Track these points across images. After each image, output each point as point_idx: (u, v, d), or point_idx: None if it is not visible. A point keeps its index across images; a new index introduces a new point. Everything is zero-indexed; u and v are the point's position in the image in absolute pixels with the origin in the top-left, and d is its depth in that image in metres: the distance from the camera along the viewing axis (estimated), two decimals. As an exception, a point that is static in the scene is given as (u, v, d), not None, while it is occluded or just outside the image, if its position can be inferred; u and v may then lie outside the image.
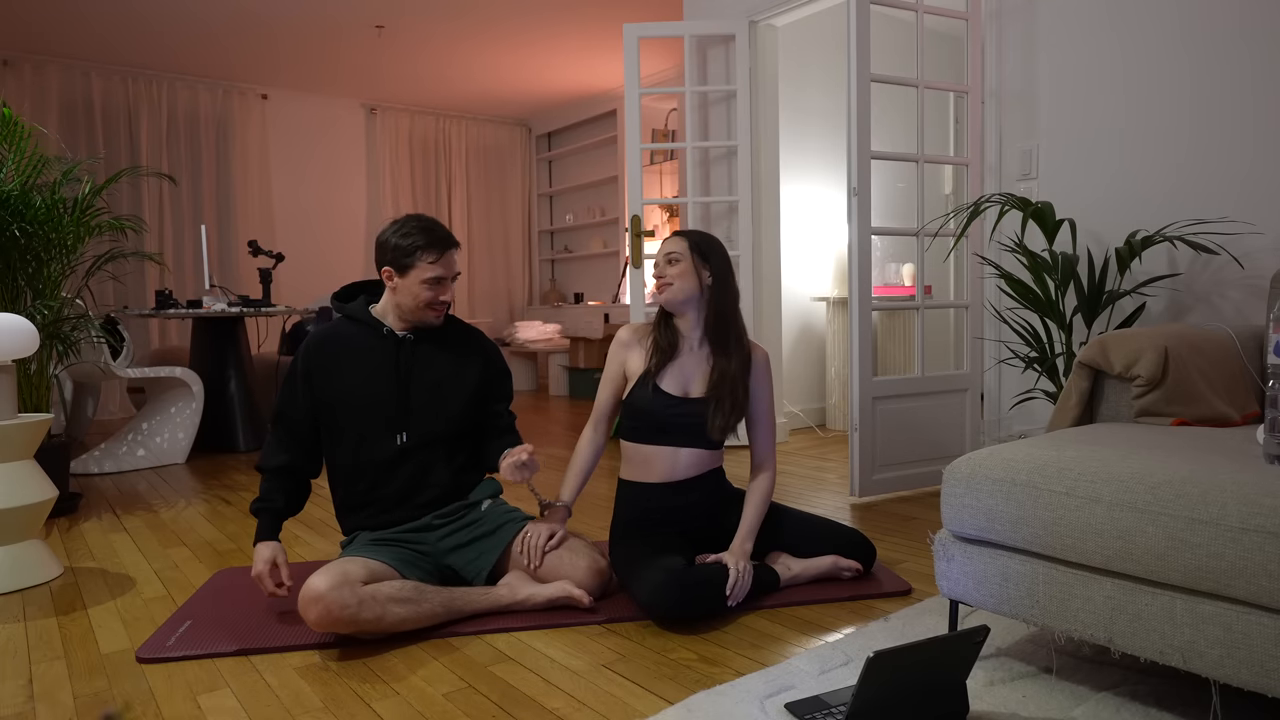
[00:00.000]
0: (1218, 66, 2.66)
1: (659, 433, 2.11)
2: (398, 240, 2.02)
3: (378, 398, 2.03)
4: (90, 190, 3.31)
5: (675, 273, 2.11)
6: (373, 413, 2.03)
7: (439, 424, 2.07)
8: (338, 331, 2.09)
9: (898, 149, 4.99)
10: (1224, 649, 1.26)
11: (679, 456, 2.12)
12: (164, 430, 4.18)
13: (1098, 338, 2.03)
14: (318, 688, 1.63)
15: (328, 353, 2.05)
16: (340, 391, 2.03)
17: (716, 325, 2.13)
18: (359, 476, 2.04)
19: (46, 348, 3.17)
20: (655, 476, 2.13)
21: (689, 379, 2.13)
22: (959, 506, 1.59)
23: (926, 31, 4.87)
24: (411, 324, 2.08)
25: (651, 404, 2.09)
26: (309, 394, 2.04)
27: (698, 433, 2.11)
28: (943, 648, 1.32)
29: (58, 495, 2.42)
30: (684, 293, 2.11)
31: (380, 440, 2.03)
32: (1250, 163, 2.60)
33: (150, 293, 6.23)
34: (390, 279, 2.04)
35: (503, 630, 1.88)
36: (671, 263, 2.12)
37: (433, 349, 2.11)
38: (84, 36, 5.54)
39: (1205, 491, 1.29)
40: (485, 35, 5.68)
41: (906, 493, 3.21)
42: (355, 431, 2.03)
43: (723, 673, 1.65)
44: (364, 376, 2.04)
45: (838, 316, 4.77)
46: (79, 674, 1.73)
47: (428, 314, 2.06)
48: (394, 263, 2.02)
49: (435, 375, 2.09)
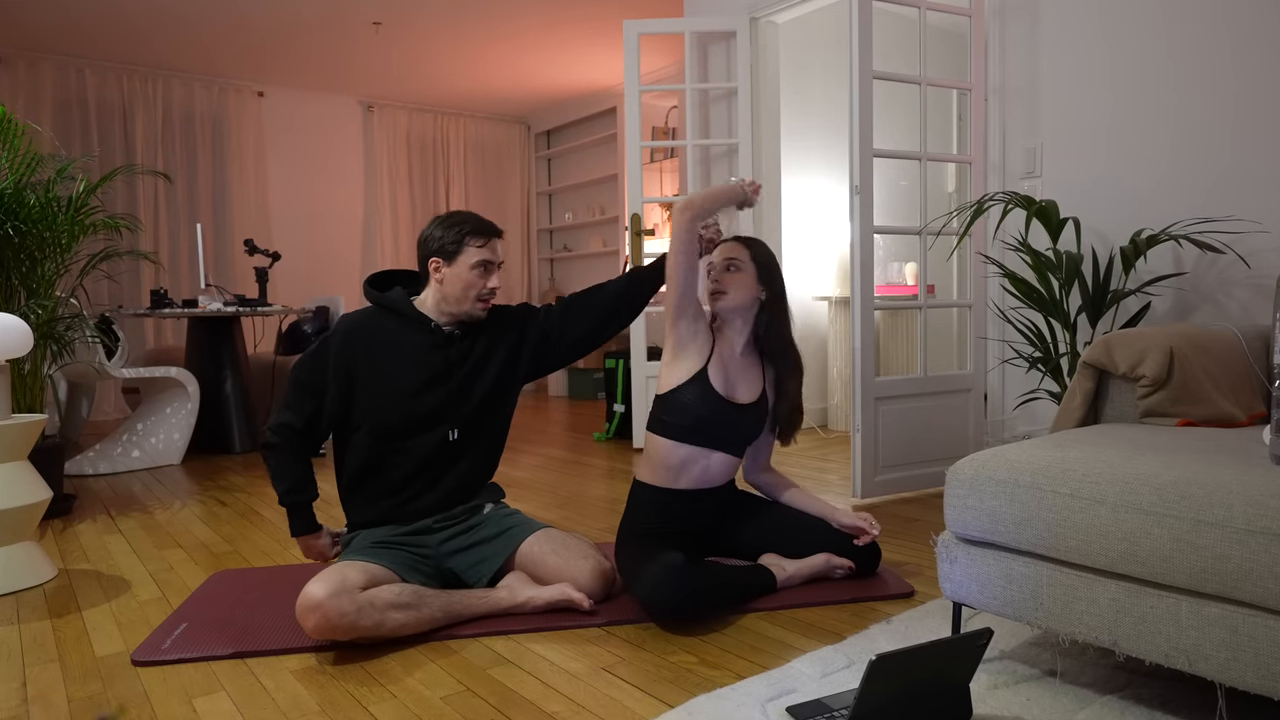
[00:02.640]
0: (1226, 64, 2.66)
1: (699, 433, 2.10)
2: (443, 230, 2.03)
3: (423, 393, 2.01)
4: (85, 188, 3.30)
5: (734, 281, 2.11)
6: (416, 408, 2.01)
7: (494, 418, 2.11)
8: (376, 321, 2.06)
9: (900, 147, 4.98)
10: (1230, 652, 1.26)
11: (712, 461, 2.13)
12: (159, 431, 4.18)
13: (1102, 337, 2.03)
14: (314, 691, 1.63)
15: (367, 341, 2.02)
16: (377, 382, 2.00)
17: (773, 346, 2.15)
18: (385, 464, 2.02)
19: (41, 347, 3.17)
20: (685, 482, 2.12)
21: (734, 384, 2.14)
22: (962, 508, 1.59)
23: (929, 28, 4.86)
24: (456, 318, 2.07)
25: (703, 405, 2.07)
26: (333, 379, 2.00)
27: (735, 439, 2.14)
28: (946, 651, 1.32)
29: (52, 496, 2.42)
30: (737, 302, 2.12)
31: (423, 434, 2.02)
32: (1258, 161, 2.60)
33: (145, 292, 6.23)
34: (438, 269, 2.04)
35: (501, 633, 1.88)
36: (731, 270, 2.11)
37: (478, 342, 2.10)
38: (78, 33, 5.54)
39: (1211, 493, 1.29)
40: (484, 32, 5.68)
41: (909, 494, 3.21)
42: (389, 423, 2.00)
43: (723, 676, 1.66)
44: (408, 370, 2.02)
45: (840, 316, 4.77)
46: (73, 677, 1.73)
47: (476, 306, 2.05)
48: (440, 251, 2.02)
49: (485, 368, 2.09)
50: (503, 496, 2.21)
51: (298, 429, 2.01)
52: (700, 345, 2.11)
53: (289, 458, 2.01)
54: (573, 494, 3.37)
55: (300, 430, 2.01)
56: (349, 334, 2.03)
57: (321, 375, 2.01)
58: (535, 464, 4.06)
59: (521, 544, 2.05)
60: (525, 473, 3.84)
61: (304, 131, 7.08)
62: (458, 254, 2.02)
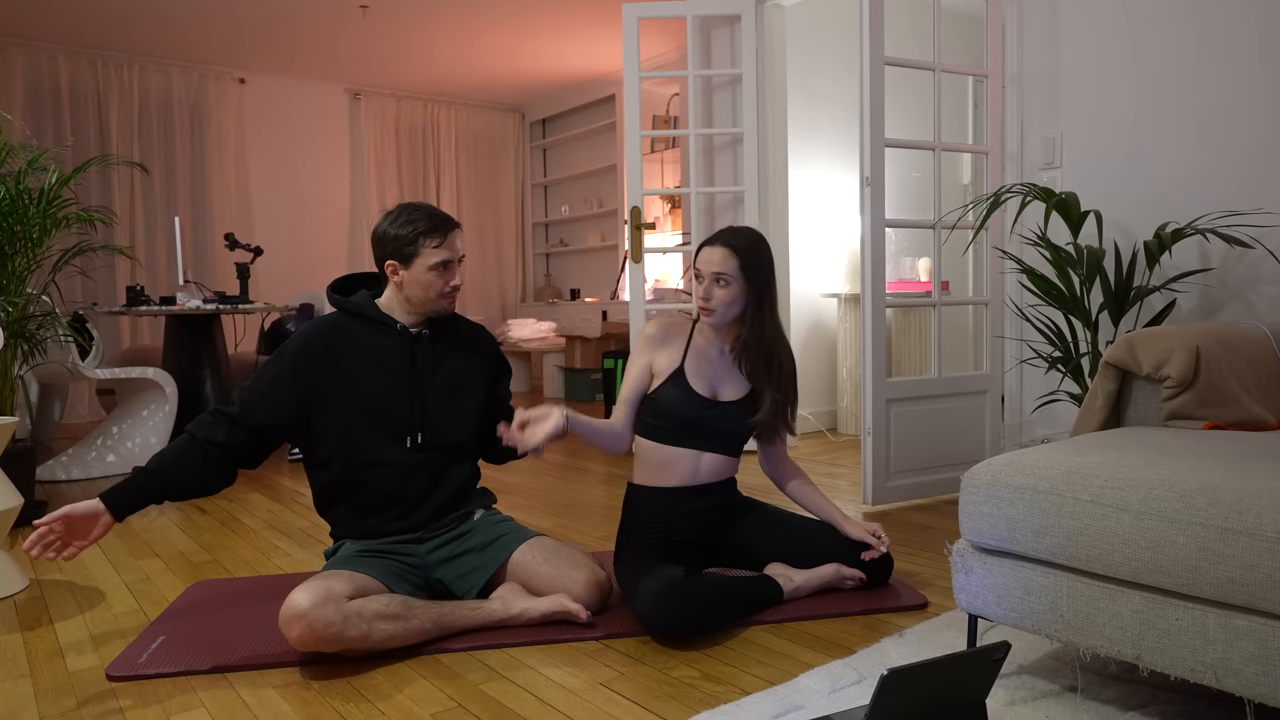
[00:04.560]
0: (1254, 50, 2.66)
1: (684, 434, 2.12)
2: (396, 230, 2.02)
3: (391, 397, 2.02)
4: (57, 180, 3.30)
5: (723, 298, 2.10)
6: (384, 413, 2.02)
7: (456, 425, 2.09)
8: (339, 326, 2.07)
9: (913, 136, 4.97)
10: (1259, 666, 1.26)
11: (701, 460, 2.14)
12: (135, 434, 4.18)
13: (1125, 336, 2.03)
14: (298, 707, 1.63)
15: (330, 349, 2.03)
16: (345, 390, 2.01)
17: (757, 352, 2.14)
18: (360, 480, 2.03)
19: (11, 347, 3.17)
20: (674, 480, 2.14)
21: (718, 381, 2.15)
22: (978, 515, 1.59)
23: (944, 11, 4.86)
24: (423, 317, 2.09)
25: (682, 405, 2.10)
26: (294, 391, 2.00)
27: (723, 437, 2.15)
28: (961, 665, 1.32)
29: (23, 503, 2.42)
30: (728, 317, 2.13)
31: (390, 442, 2.03)
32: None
33: (121, 289, 6.23)
34: (395, 272, 2.04)
35: (494, 646, 1.89)
36: (721, 284, 2.10)
37: (447, 348, 2.11)
38: (50, 17, 5.54)
39: (1239, 499, 1.29)
40: (476, 15, 5.68)
41: (922, 501, 3.21)
42: (359, 433, 2.01)
43: (728, 691, 1.66)
44: (375, 375, 2.03)
45: (850, 314, 4.77)
46: (45, 693, 1.73)
47: (441, 303, 2.07)
48: (396, 254, 2.02)
49: (451, 374, 2.10)
50: (494, 502, 2.21)
51: (220, 442, 1.93)
52: (671, 350, 2.15)
53: (195, 451, 1.93)
54: (569, 500, 3.37)
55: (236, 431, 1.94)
56: (307, 344, 2.02)
57: (271, 393, 1.99)
58: (530, 469, 4.06)
59: (513, 553, 2.05)
60: (518, 478, 3.84)
61: (288, 120, 7.08)
62: (414, 257, 2.01)
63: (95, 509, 1.83)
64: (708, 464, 2.15)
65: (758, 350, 2.13)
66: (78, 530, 1.82)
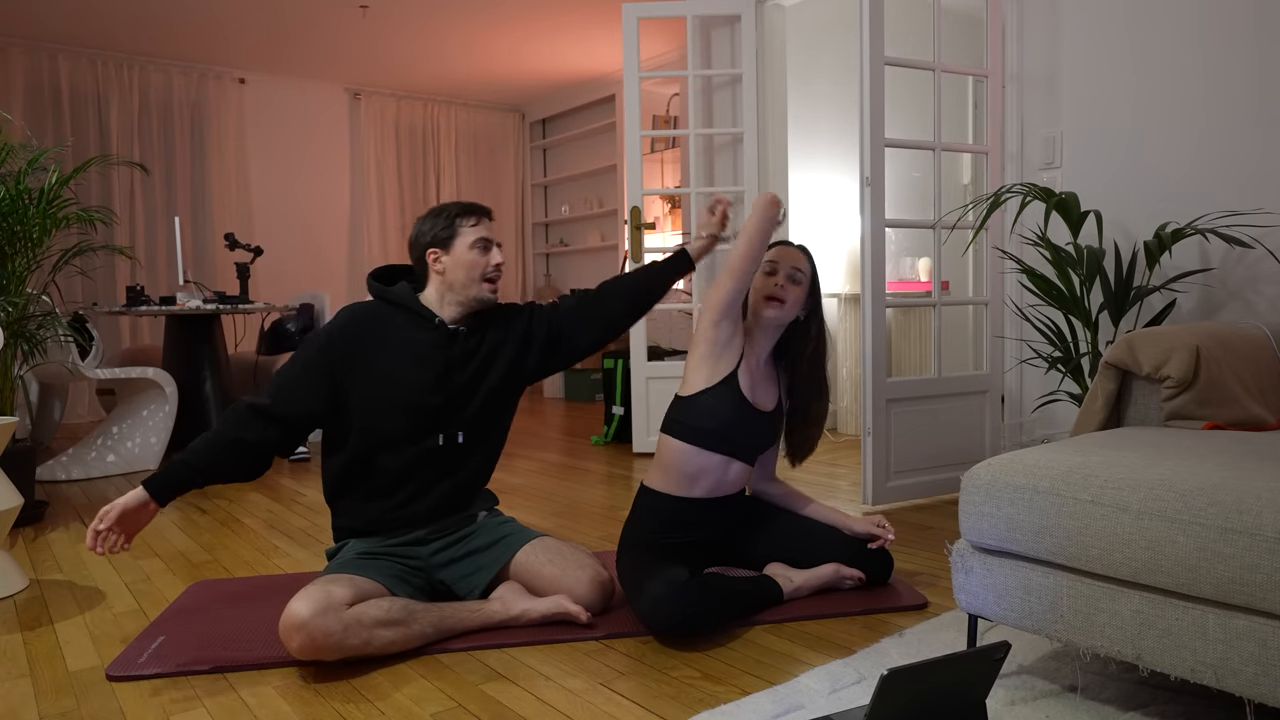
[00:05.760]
0: (1253, 51, 2.66)
1: (723, 440, 2.09)
2: (432, 221, 2.06)
3: (420, 392, 2.01)
4: (57, 180, 3.31)
5: (797, 294, 2.13)
6: (411, 407, 2.01)
7: (485, 422, 2.10)
8: (377, 315, 2.05)
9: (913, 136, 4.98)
10: (1259, 667, 1.26)
11: (730, 469, 2.13)
12: (135, 434, 4.18)
13: (1125, 336, 2.03)
14: (299, 707, 1.63)
15: (364, 337, 2.02)
16: (373, 379, 2.00)
17: (812, 363, 2.18)
18: (374, 466, 2.02)
19: (11, 347, 3.17)
20: (700, 491, 2.12)
21: (758, 390, 2.15)
22: (978, 515, 1.59)
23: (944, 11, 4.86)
24: (466, 309, 2.08)
25: (732, 410, 2.08)
26: (325, 377, 1.98)
27: (757, 446, 2.16)
28: (961, 665, 1.32)
29: (23, 503, 2.42)
30: (791, 315, 2.15)
31: (414, 435, 2.02)
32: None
33: (121, 289, 6.23)
34: (437, 260, 2.05)
35: (495, 646, 1.89)
36: (796, 281, 2.13)
37: (483, 342, 2.10)
38: (50, 17, 5.54)
39: (1240, 499, 1.29)
40: (476, 15, 5.68)
41: (922, 501, 3.21)
42: (382, 423, 2.00)
43: (728, 692, 1.66)
44: (407, 367, 2.01)
45: (850, 314, 4.77)
46: (45, 693, 1.73)
47: (484, 288, 2.06)
48: (435, 241, 2.04)
49: (485, 370, 2.09)
50: (496, 504, 2.21)
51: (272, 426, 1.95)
52: (736, 349, 2.12)
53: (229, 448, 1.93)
54: (570, 501, 3.37)
55: (272, 429, 1.95)
56: (341, 329, 2.02)
57: (304, 379, 1.98)
58: (531, 469, 4.06)
59: (517, 553, 2.05)
60: (520, 479, 3.85)
61: (287, 120, 7.08)
62: (453, 239, 2.04)
63: (142, 498, 1.86)
64: (735, 473, 2.14)
65: (813, 361, 2.17)
66: (129, 522, 1.85)
